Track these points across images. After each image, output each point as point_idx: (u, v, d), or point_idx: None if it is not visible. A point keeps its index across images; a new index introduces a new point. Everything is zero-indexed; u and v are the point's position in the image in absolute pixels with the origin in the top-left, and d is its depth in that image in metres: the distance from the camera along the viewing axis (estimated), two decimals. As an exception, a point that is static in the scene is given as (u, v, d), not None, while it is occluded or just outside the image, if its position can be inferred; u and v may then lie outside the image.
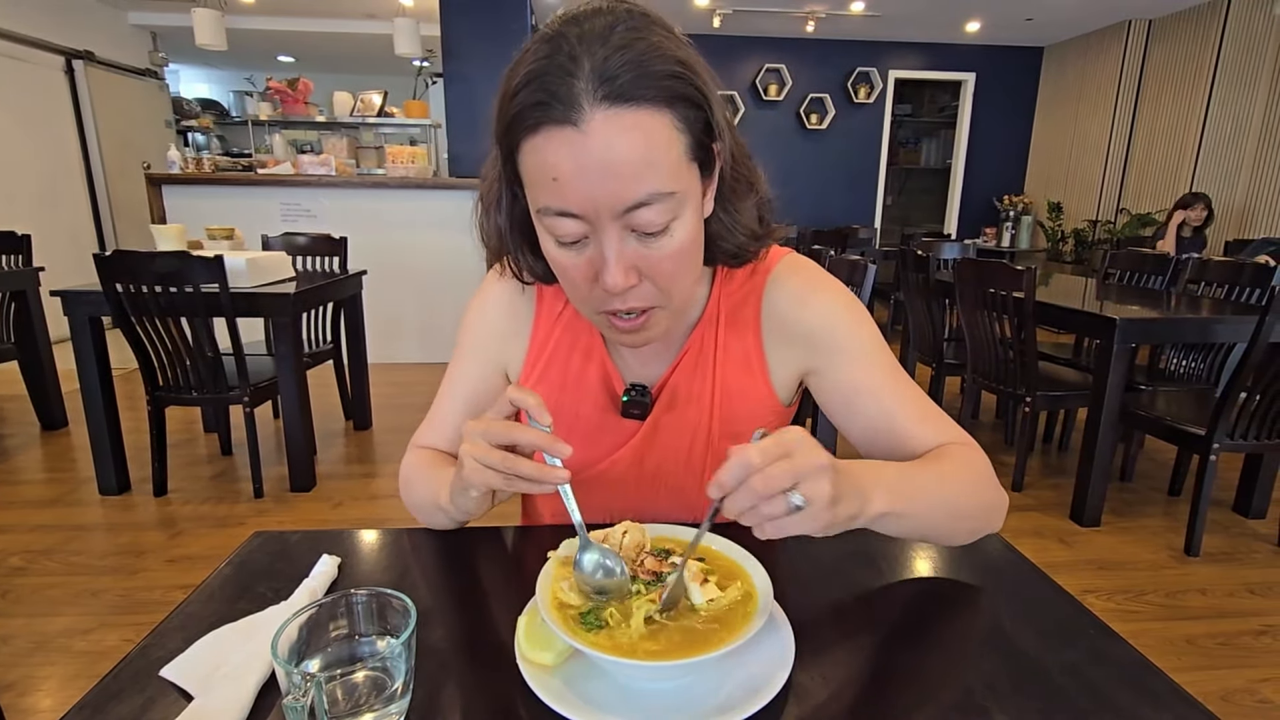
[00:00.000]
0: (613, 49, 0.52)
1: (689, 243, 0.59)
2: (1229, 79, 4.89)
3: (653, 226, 0.55)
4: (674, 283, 0.61)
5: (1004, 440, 3.14)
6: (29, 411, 3.15)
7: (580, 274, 0.59)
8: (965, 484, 0.64)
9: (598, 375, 0.75)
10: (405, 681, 0.45)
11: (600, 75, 0.51)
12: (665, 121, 0.53)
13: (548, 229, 0.58)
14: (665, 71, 0.53)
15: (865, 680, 0.52)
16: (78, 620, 1.75)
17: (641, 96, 0.52)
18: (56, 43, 5.08)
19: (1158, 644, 1.73)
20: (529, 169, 0.56)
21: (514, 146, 0.56)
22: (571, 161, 0.52)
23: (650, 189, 0.53)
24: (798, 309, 0.72)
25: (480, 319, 0.79)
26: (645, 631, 0.49)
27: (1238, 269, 2.71)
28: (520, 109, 0.53)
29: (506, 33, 4.82)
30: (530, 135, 0.54)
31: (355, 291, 3.06)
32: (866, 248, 5.65)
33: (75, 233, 5.23)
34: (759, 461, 0.45)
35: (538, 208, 0.57)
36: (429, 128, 6.60)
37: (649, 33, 0.54)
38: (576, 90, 0.51)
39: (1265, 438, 2.06)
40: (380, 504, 2.48)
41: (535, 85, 0.52)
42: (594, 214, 0.54)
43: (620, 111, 0.51)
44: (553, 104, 0.51)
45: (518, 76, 0.54)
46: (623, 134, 0.52)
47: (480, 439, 0.55)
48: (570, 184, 0.53)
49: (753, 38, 6.33)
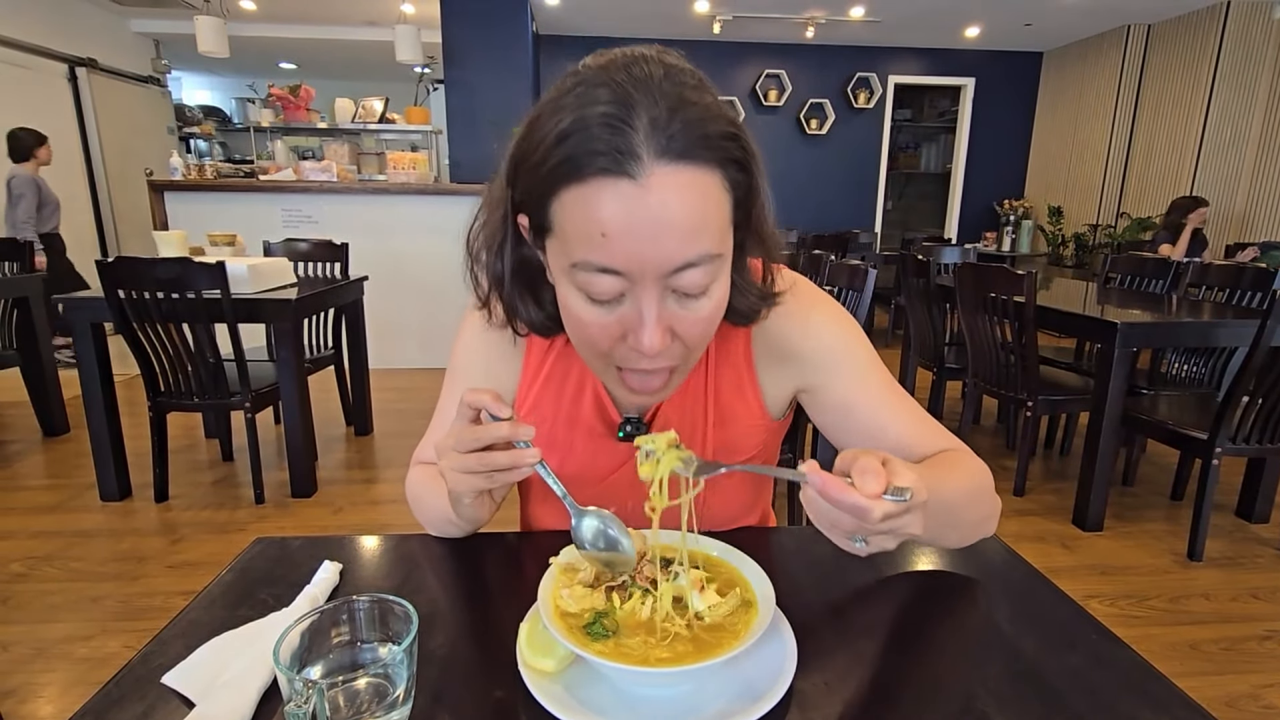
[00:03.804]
0: (672, 104, 0.49)
1: (722, 305, 0.58)
2: (1228, 83, 4.90)
3: (695, 289, 0.53)
4: (702, 343, 0.59)
5: (1005, 445, 3.14)
6: (31, 417, 3.15)
7: (606, 333, 0.56)
8: (967, 487, 0.64)
9: (591, 403, 0.74)
10: (407, 688, 0.45)
11: (659, 129, 0.49)
12: (716, 182, 0.52)
13: (580, 285, 0.54)
14: (721, 133, 0.51)
15: (868, 686, 0.51)
16: (79, 627, 1.75)
17: (699, 156, 0.50)
18: (60, 50, 5.11)
19: (1161, 649, 1.72)
20: (569, 220, 0.51)
21: (548, 194, 0.52)
22: (625, 216, 0.49)
23: (701, 250, 0.51)
24: (788, 328, 0.71)
25: (467, 352, 0.77)
26: (649, 638, 0.49)
27: (1238, 273, 2.71)
28: (567, 155, 0.49)
29: (507, 40, 4.85)
30: (576, 185, 0.50)
31: (356, 297, 3.07)
32: (867, 252, 5.67)
33: (78, 239, 5.24)
34: (875, 523, 0.45)
35: (573, 261, 0.53)
36: (430, 134, 6.63)
37: (702, 91, 0.52)
38: (635, 142, 0.48)
39: (1267, 441, 2.05)
40: (381, 509, 2.47)
41: (587, 132, 0.49)
42: (639, 273, 0.51)
43: (679, 169, 0.49)
44: (609, 153, 0.48)
45: (561, 120, 0.50)
46: (680, 191, 0.49)
47: (452, 451, 0.57)
48: (620, 240, 0.50)
49: (752, 43, 6.35)
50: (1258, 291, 2.61)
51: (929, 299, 3.04)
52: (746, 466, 0.53)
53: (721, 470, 0.52)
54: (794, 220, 6.49)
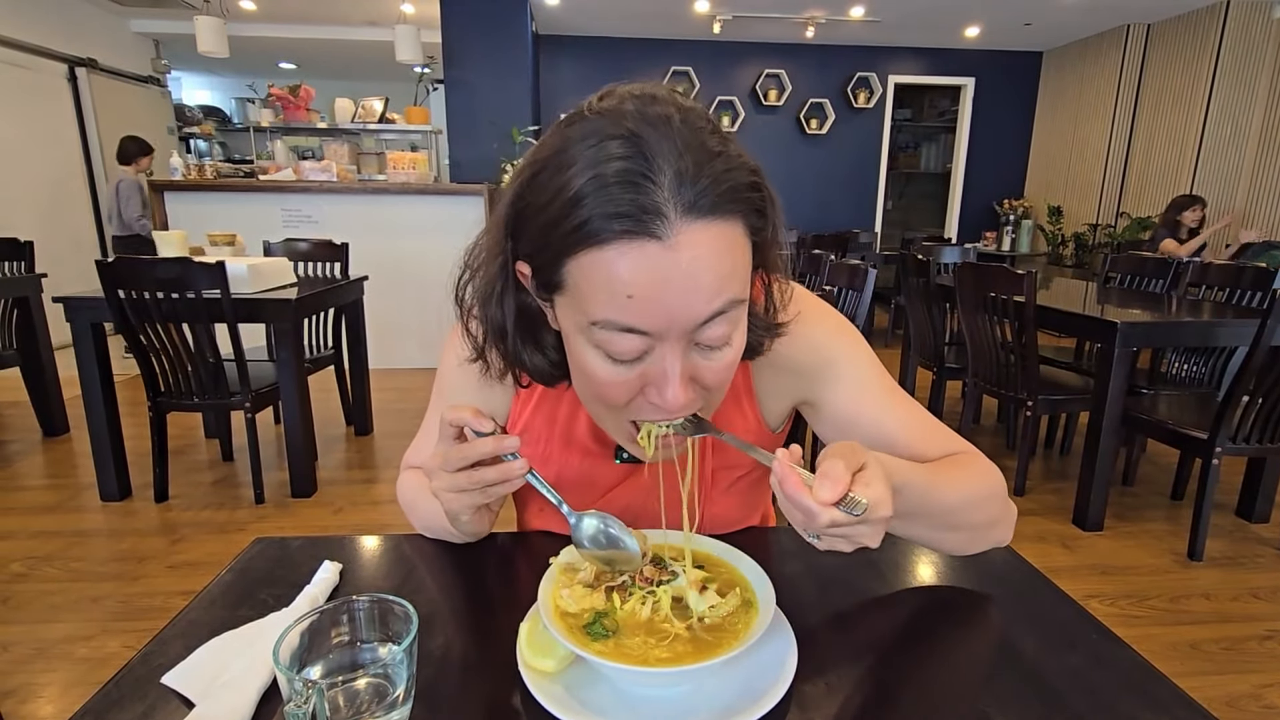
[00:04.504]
0: (696, 156, 0.47)
1: (741, 348, 0.56)
2: (1228, 82, 4.90)
3: (719, 341, 0.52)
4: (723, 389, 0.57)
5: (1005, 444, 3.14)
6: (30, 417, 3.16)
7: (624, 390, 0.53)
8: (971, 490, 0.62)
9: (586, 424, 0.73)
10: (407, 688, 0.45)
11: (686, 184, 0.46)
12: (740, 232, 0.50)
13: (599, 344, 0.51)
14: (745, 184, 0.49)
15: (868, 686, 0.51)
16: (79, 627, 1.75)
17: (725, 210, 0.48)
18: (60, 50, 5.10)
19: (1161, 649, 1.72)
20: (589, 281, 0.48)
21: (562, 255, 0.49)
22: (652, 279, 0.47)
23: (728, 298, 0.50)
24: (786, 341, 0.67)
25: (457, 373, 0.74)
26: (650, 638, 0.49)
27: (1238, 272, 2.71)
28: (586, 218, 0.46)
29: (507, 40, 4.85)
30: (598, 247, 0.47)
31: (356, 297, 3.07)
32: (867, 252, 5.67)
33: (78, 239, 5.25)
34: (822, 527, 0.45)
35: (594, 320, 0.49)
36: (430, 134, 6.63)
37: (720, 138, 0.50)
38: (659, 200, 0.45)
39: (1268, 441, 2.05)
40: (381, 509, 2.47)
41: (605, 192, 0.46)
42: (665, 331, 0.49)
43: (706, 225, 0.47)
44: (633, 214, 0.45)
45: (574, 175, 0.47)
46: (708, 248, 0.47)
47: (441, 472, 0.57)
48: (648, 301, 0.47)
49: (753, 43, 6.35)
50: (1258, 291, 2.60)
51: (929, 299, 3.04)
52: (733, 439, 0.54)
53: (711, 435, 0.55)
54: (794, 220, 6.50)
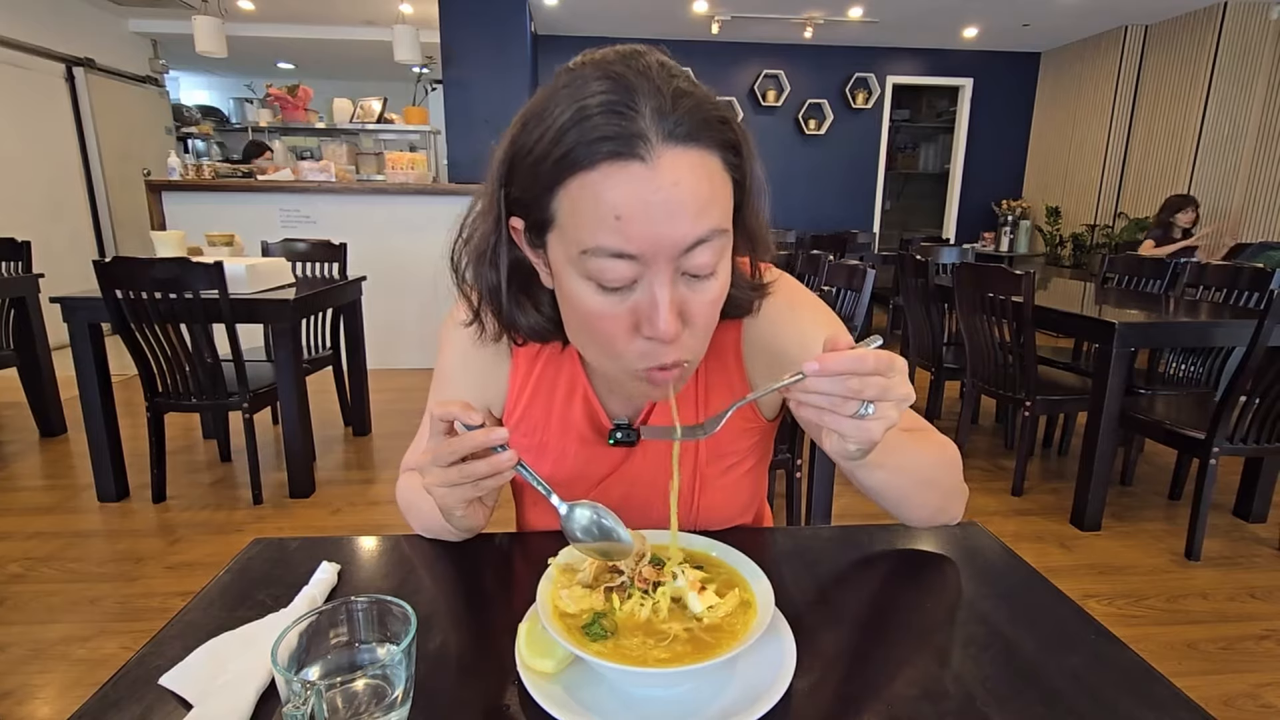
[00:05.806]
0: (672, 93, 0.51)
1: (726, 285, 0.59)
2: (1225, 83, 4.91)
3: (705, 269, 0.54)
4: (708, 331, 0.60)
5: (1004, 444, 3.14)
6: (28, 418, 3.15)
7: (619, 325, 0.56)
8: (937, 454, 0.68)
9: (582, 409, 0.74)
10: (405, 689, 0.45)
11: (664, 115, 0.50)
12: (718, 164, 0.54)
13: (591, 273, 0.53)
14: (718, 118, 0.53)
15: (866, 686, 0.51)
16: (76, 628, 1.74)
17: (702, 139, 0.52)
18: (57, 50, 5.09)
19: (1159, 649, 1.72)
20: (578, 208, 0.52)
21: (552, 186, 0.52)
22: (638, 198, 0.50)
23: (711, 225, 0.53)
24: (777, 329, 0.71)
25: (453, 366, 0.76)
26: (648, 638, 0.49)
27: (1236, 273, 2.71)
28: (573, 145, 0.50)
29: (506, 40, 4.85)
30: (585, 172, 0.50)
31: (355, 297, 3.07)
32: (865, 252, 5.67)
33: (75, 239, 5.23)
34: (870, 367, 0.47)
35: (584, 249, 0.52)
36: (428, 134, 6.62)
37: (697, 84, 0.54)
38: (642, 125, 0.50)
39: (1265, 441, 2.06)
40: (380, 510, 2.47)
41: (589, 121, 0.50)
42: (653, 254, 0.52)
43: (685, 150, 0.51)
44: (617, 137, 0.49)
45: (559, 112, 0.51)
46: (689, 170, 0.51)
47: (432, 468, 0.58)
48: (634, 222, 0.50)
49: (751, 44, 6.36)
50: (1255, 291, 2.61)
51: (927, 299, 3.05)
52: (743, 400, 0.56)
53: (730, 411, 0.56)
54: (792, 220, 6.50)
